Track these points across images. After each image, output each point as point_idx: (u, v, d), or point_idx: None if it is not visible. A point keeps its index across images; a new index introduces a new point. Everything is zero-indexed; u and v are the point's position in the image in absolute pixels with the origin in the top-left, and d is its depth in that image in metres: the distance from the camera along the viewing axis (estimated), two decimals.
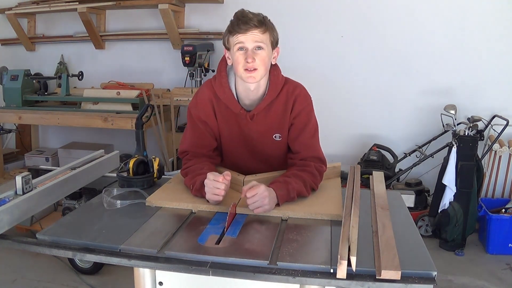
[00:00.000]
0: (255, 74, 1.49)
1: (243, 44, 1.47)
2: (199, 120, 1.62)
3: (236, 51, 1.49)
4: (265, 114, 1.60)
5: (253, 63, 1.46)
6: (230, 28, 1.50)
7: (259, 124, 1.61)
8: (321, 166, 1.60)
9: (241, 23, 1.47)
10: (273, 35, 1.53)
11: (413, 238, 1.27)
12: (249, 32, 1.46)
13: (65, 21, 4.02)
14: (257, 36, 1.47)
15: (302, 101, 1.62)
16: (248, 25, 1.46)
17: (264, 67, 1.50)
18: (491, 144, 3.23)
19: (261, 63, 1.48)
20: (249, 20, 1.47)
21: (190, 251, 1.16)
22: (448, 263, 2.89)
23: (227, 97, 1.58)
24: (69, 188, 1.64)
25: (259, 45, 1.48)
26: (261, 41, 1.48)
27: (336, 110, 3.69)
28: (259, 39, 1.48)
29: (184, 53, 3.37)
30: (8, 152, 3.97)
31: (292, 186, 1.45)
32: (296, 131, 1.62)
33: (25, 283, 2.61)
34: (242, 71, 1.48)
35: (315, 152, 1.62)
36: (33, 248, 1.23)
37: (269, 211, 1.40)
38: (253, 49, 1.47)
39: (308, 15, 3.59)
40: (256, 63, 1.47)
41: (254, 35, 1.47)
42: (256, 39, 1.47)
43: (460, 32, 3.37)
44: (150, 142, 3.50)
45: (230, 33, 1.50)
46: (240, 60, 1.48)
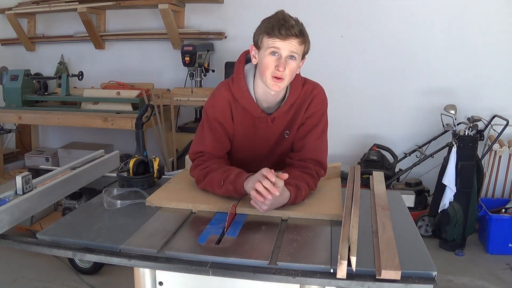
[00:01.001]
0: (281, 84, 1.46)
1: (278, 50, 1.42)
2: (216, 122, 1.58)
3: (268, 54, 1.43)
4: (285, 116, 1.59)
5: (283, 72, 1.42)
6: (269, 30, 1.41)
7: (279, 126, 1.60)
8: (320, 170, 1.58)
9: (283, 28, 1.39)
10: (307, 47, 1.48)
11: (413, 238, 1.27)
12: (288, 40, 1.40)
13: (65, 21, 4.02)
14: (294, 46, 1.41)
15: (318, 103, 1.61)
16: (289, 32, 1.39)
17: (291, 77, 1.47)
18: (491, 144, 3.23)
19: (290, 73, 1.45)
20: (291, 27, 1.40)
21: (190, 251, 1.16)
22: (448, 263, 2.89)
23: (246, 101, 1.55)
24: (69, 188, 1.64)
25: (293, 55, 1.43)
26: (296, 51, 1.43)
27: (336, 110, 3.64)
28: (295, 50, 1.42)
29: (184, 53, 3.37)
30: (8, 152, 3.97)
31: (300, 193, 1.43)
32: (304, 131, 1.61)
33: (25, 283, 2.61)
34: (270, 77, 1.44)
35: (317, 154, 1.60)
36: (33, 248, 1.23)
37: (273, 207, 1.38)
38: (286, 57, 1.43)
39: (308, 15, 3.57)
40: (285, 73, 1.43)
41: (292, 44, 1.41)
42: (293, 49, 1.42)
43: (460, 32, 3.37)
44: (150, 142, 3.51)
45: (268, 35, 1.42)
46: (270, 66, 1.43)
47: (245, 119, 1.59)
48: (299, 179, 1.46)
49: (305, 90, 1.60)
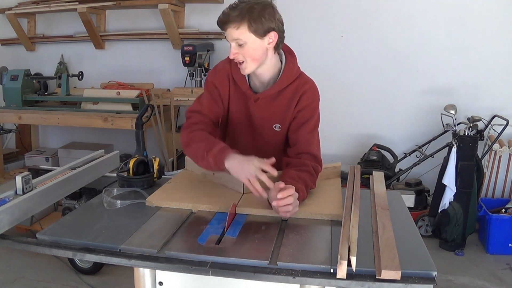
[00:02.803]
0: (243, 66, 1.53)
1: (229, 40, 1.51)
2: (213, 86, 1.65)
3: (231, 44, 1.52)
4: (270, 101, 1.63)
5: (236, 56, 1.51)
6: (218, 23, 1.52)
7: (261, 109, 1.64)
8: (317, 166, 1.58)
9: (219, 20, 1.49)
10: (254, 25, 1.46)
11: (413, 238, 1.27)
12: (228, 30, 1.48)
13: (65, 21, 4.02)
14: (233, 33, 1.47)
15: (309, 96, 1.63)
16: (224, 22, 1.48)
17: (252, 59, 1.51)
18: (491, 144, 3.23)
19: (247, 56, 1.50)
20: (224, 16, 1.47)
21: (190, 251, 1.16)
22: (448, 263, 2.89)
23: (238, 75, 1.62)
24: (69, 188, 1.64)
25: (237, 42, 1.49)
26: (237, 37, 1.47)
27: (336, 110, 3.68)
28: (235, 36, 1.48)
29: (184, 53, 3.37)
30: (8, 152, 3.97)
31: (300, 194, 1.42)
32: (297, 125, 1.63)
33: (25, 283, 2.61)
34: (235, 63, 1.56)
35: (310, 148, 1.61)
36: (33, 248, 1.23)
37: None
38: (235, 44, 1.50)
39: (308, 15, 3.60)
40: (240, 57, 1.51)
41: (231, 31, 1.48)
42: (233, 36, 1.48)
43: (460, 32, 3.37)
44: (150, 142, 3.51)
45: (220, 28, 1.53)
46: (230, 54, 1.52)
47: (239, 95, 1.66)
48: (296, 179, 1.46)
49: (297, 84, 1.63)
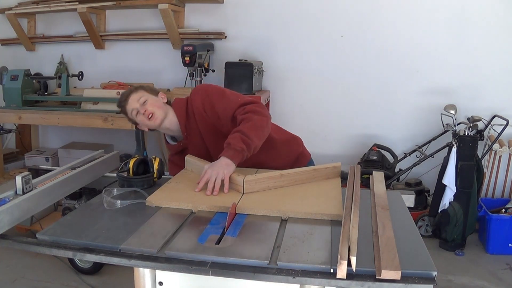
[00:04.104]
0: (156, 117, 1.78)
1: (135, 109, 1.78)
2: None
3: (135, 117, 1.79)
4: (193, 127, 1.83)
5: (147, 112, 1.76)
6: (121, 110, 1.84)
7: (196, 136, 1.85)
8: (245, 108, 1.73)
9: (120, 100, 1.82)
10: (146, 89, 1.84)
11: (413, 238, 1.27)
12: (129, 100, 1.79)
13: (65, 21, 4.02)
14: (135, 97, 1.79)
15: (195, 97, 1.83)
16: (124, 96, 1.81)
17: (158, 107, 1.80)
18: (491, 144, 3.23)
19: (152, 107, 1.78)
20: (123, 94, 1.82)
21: (190, 251, 1.16)
22: (448, 263, 2.89)
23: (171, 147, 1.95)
24: (69, 188, 1.64)
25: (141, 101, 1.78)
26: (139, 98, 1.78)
27: (336, 110, 3.69)
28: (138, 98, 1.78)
29: (184, 53, 3.37)
30: (8, 152, 3.97)
31: (233, 143, 1.60)
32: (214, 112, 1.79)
33: (25, 283, 2.61)
34: (148, 122, 1.79)
35: (232, 105, 1.77)
36: (33, 248, 1.23)
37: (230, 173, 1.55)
38: (140, 106, 1.77)
39: (308, 15, 3.60)
40: (149, 109, 1.77)
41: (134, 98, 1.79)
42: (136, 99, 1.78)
43: (460, 32, 3.37)
44: (150, 142, 3.51)
45: (123, 112, 1.83)
46: (142, 119, 1.78)
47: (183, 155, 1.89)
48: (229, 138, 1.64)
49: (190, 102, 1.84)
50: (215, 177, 1.53)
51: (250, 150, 1.63)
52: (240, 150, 1.60)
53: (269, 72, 3.66)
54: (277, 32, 3.65)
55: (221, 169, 1.55)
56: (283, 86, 3.73)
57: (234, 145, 1.60)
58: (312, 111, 3.72)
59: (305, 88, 3.71)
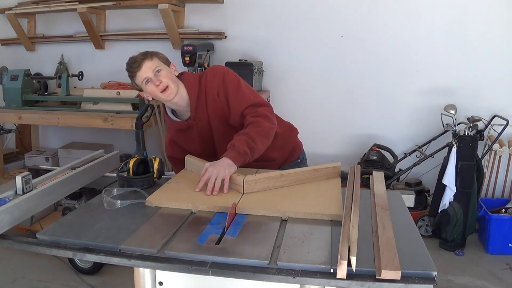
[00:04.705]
0: (170, 90, 1.71)
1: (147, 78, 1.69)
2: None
3: (145, 86, 1.71)
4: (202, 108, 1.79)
5: (161, 84, 1.69)
6: (129, 74, 1.73)
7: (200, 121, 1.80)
8: (256, 110, 1.71)
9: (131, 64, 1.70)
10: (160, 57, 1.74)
11: (413, 238, 1.27)
12: (143, 66, 1.68)
13: (65, 21, 4.02)
14: (149, 65, 1.69)
15: (211, 79, 1.77)
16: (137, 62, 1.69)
17: (171, 80, 1.72)
18: (491, 144, 3.23)
19: (167, 79, 1.70)
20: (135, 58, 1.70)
21: (190, 251, 1.16)
22: (448, 263, 2.89)
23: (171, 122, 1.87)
24: (69, 188, 1.64)
25: (156, 70, 1.69)
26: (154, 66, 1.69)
27: (336, 110, 3.69)
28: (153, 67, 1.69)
29: (184, 53, 3.37)
30: (8, 152, 3.97)
31: (238, 146, 1.60)
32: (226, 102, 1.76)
33: (25, 283, 2.61)
34: (160, 95, 1.71)
35: (245, 102, 1.74)
36: (33, 248, 1.23)
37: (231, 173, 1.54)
38: (154, 75, 1.69)
39: (308, 15, 3.60)
40: (164, 82, 1.69)
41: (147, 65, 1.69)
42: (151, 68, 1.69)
43: (460, 32, 3.37)
44: (150, 142, 3.51)
45: (133, 77, 1.72)
46: (153, 90, 1.70)
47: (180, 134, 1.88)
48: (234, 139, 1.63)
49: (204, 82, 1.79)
50: (215, 176, 1.52)
51: (253, 155, 1.63)
52: (243, 153, 1.60)
53: (269, 72, 3.66)
54: (277, 32, 3.65)
55: (222, 168, 1.55)
56: (283, 86, 3.73)
57: (238, 147, 1.60)
58: (312, 111, 3.72)
59: (305, 88, 3.71)
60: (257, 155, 1.67)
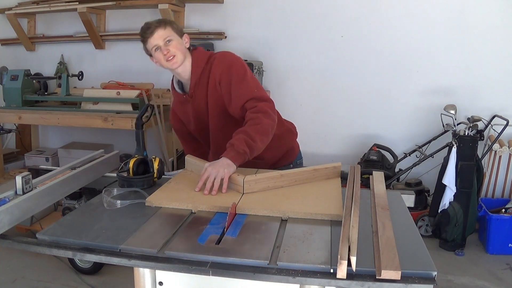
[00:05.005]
0: (176, 59, 1.74)
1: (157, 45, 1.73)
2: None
3: (155, 53, 1.75)
4: (199, 90, 1.82)
5: (169, 53, 1.73)
6: (141, 38, 1.76)
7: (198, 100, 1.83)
8: (257, 105, 1.71)
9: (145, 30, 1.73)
10: (174, 27, 1.76)
11: (413, 238, 1.27)
12: (155, 34, 1.72)
13: (65, 21, 4.02)
14: (162, 33, 1.72)
15: (217, 64, 1.79)
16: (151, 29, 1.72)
17: (180, 51, 1.75)
18: (491, 144, 3.23)
19: (175, 50, 1.74)
20: (150, 25, 1.74)
21: (190, 251, 1.16)
22: (448, 263, 2.89)
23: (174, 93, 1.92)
24: (69, 188, 1.64)
25: (167, 40, 1.73)
26: (166, 35, 1.72)
27: (336, 110, 3.69)
28: (165, 35, 1.72)
29: None
30: (8, 152, 3.97)
31: (237, 145, 1.60)
32: (228, 91, 1.77)
33: (25, 283, 2.61)
34: (166, 63, 1.75)
35: (248, 94, 1.74)
36: (33, 248, 1.23)
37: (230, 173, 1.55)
38: (164, 43, 1.73)
39: (308, 15, 3.60)
40: (172, 51, 1.73)
41: (160, 33, 1.72)
42: (163, 36, 1.72)
43: (460, 32, 3.37)
44: (150, 142, 3.51)
45: (144, 42, 1.76)
46: (161, 58, 1.75)
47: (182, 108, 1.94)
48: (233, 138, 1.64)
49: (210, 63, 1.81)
50: (214, 176, 1.53)
51: (252, 154, 1.63)
52: (242, 153, 1.60)
53: (269, 72, 3.66)
54: (277, 32, 3.65)
55: (222, 168, 1.55)
56: (283, 86, 3.73)
57: (238, 147, 1.60)
58: (312, 111, 3.72)
59: (305, 88, 3.71)
60: (257, 153, 1.67)
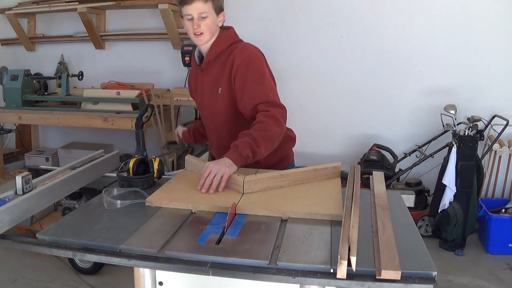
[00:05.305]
0: (202, 37, 1.75)
1: (190, 15, 1.72)
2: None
3: (186, 21, 1.74)
4: (212, 67, 1.83)
5: (198, 29, 1.73)
6: (180, 1, 1.73)
7: (206, 76, 1.85)
8: (268, 110, 1.70)
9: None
10: (215, 3, 1.74)
11: (413, 238, 1.27)
12: (194, 4, 1.69)
13: (65, 21, 4.02)
14: (200, 7, 1.70)
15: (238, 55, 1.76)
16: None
17: (209, 30, 1.75)
18: (491, 144, 3.23)
19: (206, 28, 1.74)
20: None
21: (190, 251, 1.16)
22: (448, 263, 2.89)
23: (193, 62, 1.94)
24: (69, 188, 1.64)
25: (202, 15, 1.71)
26: (204, 11, 1.71)
27: (336, 110, 3.69)
28: (202, 10, 1.70)
29: (184, 53, 3.37)
30: (8, 152, 3.97)
31: (241, 148, 1.59)
32: (241, 87, 1.75)
33: (25, 283, 2.61)
34: (192, 35, 1.76)
35: (262, 97, 1.73)
36: (33, 248, 1.22)
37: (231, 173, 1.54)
38: (198, 17, 1.71)
39: (308, 15, 3.60)
40: (202, 29, 1.73)
41: (198, 6, 1.69)
42: (200, 10, 1.70)
43: (460, 32, 3.38)
44: (150, 142, 3.51)
45: (181, 5, 1.73)
46: (189, 27, 1.75)
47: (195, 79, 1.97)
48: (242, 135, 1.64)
49: (232, 49, 1.80)
50: (215, 173, 1.53)
51: (254, 158, 1.62)
52: (245, 156, 1.59)
53: None
54: (277, 32, 3.65)
55: (223, 167, 1.55)
56: (283, 86, 3.70)
57: (241, 149, 1.59)
58: (312, 111, 3.72)
59: (305, 88, 3.70)
60: (259, 159, 1.66)
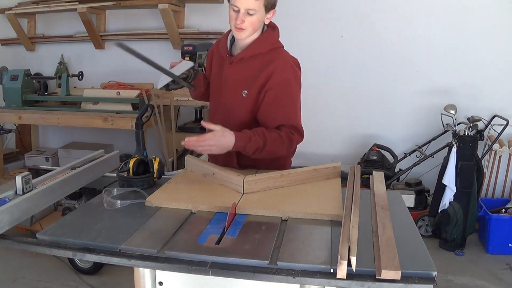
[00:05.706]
0: (243, 33, 1.68)
1: (237, 7, 1.63)
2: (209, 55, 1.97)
3: (231, 10, 1.66)
4: (244, 65, 1.75)
5: (241, 24, 1.64)
6: None
7: (234, 73, 1.76)
8: (293, 134, 1.70)
9: None
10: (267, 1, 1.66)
11: (413, 238, 1.27)
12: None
13: (65, 21, 4.02)
14: (250, 3, 1.62)
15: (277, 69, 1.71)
16: None
17: (252, 28, 1.68)
18: (491, 144, 3.23)
19: (250, 24, 1.66)
20: None
21: (190, 251, 1.16)
22: (448, 263, 2.89)
23: (222, 44, 1.83)
24: (69, 188, 1.64)
25: (250, 12, 1.63)
26: (252, 8, 1.62)
27: (336, 110, 3.69)
28: (251, 6, 1.62)
29: (184, 53, 3.37)
30: (8, 152, 3.97)
31: (250, 144, 1.60)
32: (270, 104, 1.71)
33: (25, 283, 2.61)
34: (233, 27, 1.68)
35: (289, 121, 1.73)
36: (33, 248, 1.23)
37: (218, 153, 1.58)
38: (244, 12, 1.63)
39: (309, 15, 3.60)
40: (245, 25, 1.65)
41: (248, 1, 1.61)
42: (249, 6, 1.62)
43: (460, 32, 3.37)
44: (150, 142, 3.51)
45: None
46: (232, 18, 1.66)
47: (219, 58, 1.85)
48: (258, 133, 1.62)
49: (273, 56, 1.74)
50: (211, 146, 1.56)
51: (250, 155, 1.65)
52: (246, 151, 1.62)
53: None
54: None
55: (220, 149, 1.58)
56: None
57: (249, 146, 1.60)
58: (312, 111, 3.71)
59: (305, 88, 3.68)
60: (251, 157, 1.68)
